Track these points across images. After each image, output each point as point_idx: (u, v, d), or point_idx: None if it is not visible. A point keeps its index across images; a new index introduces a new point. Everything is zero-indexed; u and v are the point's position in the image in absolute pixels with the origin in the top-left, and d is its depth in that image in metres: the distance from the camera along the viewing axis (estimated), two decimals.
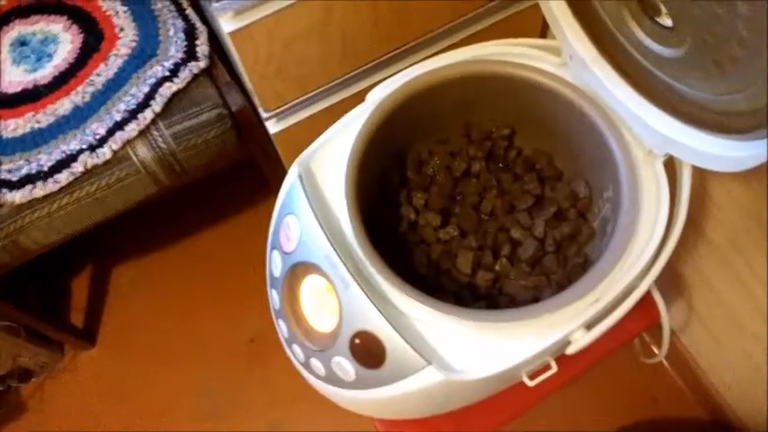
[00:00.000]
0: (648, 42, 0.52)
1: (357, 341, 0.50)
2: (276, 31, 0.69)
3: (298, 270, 0.55)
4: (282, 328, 0.58)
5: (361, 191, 0.57)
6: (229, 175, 1.22)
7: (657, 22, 0.50)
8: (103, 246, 1.26)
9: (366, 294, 0.49)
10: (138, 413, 1.10)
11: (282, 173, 0.91)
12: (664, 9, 0.49)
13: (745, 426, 0.91)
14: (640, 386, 1.00)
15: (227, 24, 0.67)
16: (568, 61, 0.61)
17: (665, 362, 0.99)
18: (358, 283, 0.50)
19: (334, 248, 0.51)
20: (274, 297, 0.59)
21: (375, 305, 0.49)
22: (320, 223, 0.53)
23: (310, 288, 0.55)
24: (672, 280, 0.89)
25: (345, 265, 0.51)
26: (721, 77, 0.45)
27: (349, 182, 0.55)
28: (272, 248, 0.59)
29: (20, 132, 0.83)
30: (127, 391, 1.12)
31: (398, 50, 0.82)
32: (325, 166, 0.60)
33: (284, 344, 0.60)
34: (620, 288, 0.51)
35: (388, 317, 0.49)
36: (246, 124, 0.86)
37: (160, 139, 0.80)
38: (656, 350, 0.93)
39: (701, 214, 0.77)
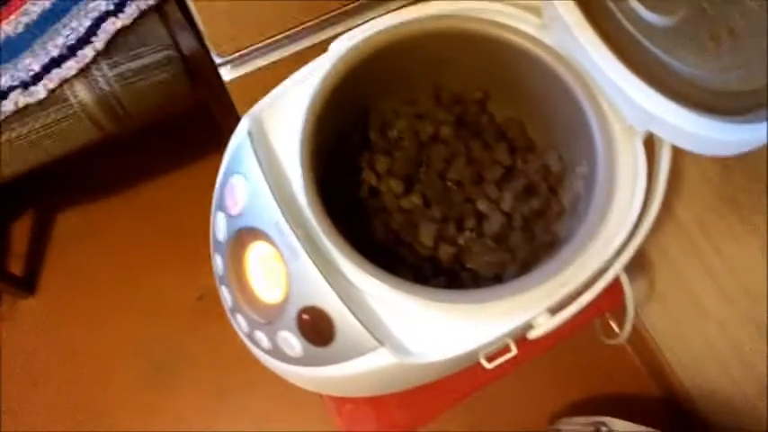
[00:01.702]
0: (639, 8, 0.48)
1: (305, 316, 0.46)
2: None
3: (244, 235, 0.50)
4: (226, 296, 0.54)
5: (318, 151, 0.52)
6: (182, 123, 1.15)
7: None
8: (47, 191, 1.18)
9: (317, 267, 0.45)
10: (78, 368, 1.05)
11: (237, 124, 0.85)
12: None
13: (695, 405, 0.91)
14: (596, 362, 0.99)
15: None
16: (549, 23, 0.56)
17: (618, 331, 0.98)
18: (308, 254, 0.45)
19: (284, 214, 0.47)
20: (218, 262, 0.54)
21: (326, 279, 0.45)
22: (269, 186, 0.48)
23: (257, 256, 0.50)
24: (635, 257, 0.88)
25: (295, 233, 0.46)
26: (716, 52, 0.41)
27: (304, 141, 0.50)
28: (217, 210, 0.54)
29: None
30: (67, 344, 1.07)
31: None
32: (279, 122, 0.54)
33: (228, 313, 0.55)
34: (589, 272, 0.48)
35: (340, 292, 0.45)
36: (199, 69, 0.79)
37: (102, 80, 0.73)
38: (616, 329, 0.92)
39: (671, 192, 0.75)
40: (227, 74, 0.76)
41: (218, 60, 0.74)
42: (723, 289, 0.75)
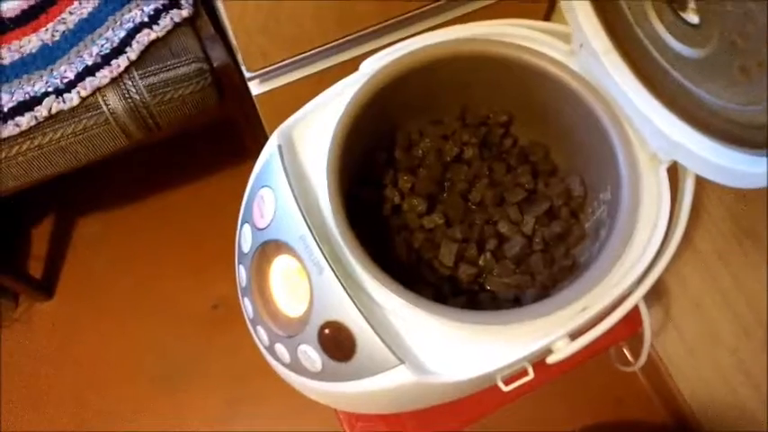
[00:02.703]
0: (668, 38, 0.48)
1: (326, 331, 0.47)
2: None
3: (269, 248, 0.51)
4: (248, 307, 0.54)
5: (345, 168, 0.52)
6: (207, 135, 1.17)
7: (681, 17, 0.46)
8: (69, 195, 1.20)
9: (340, 283, 0.45)
10: (92, 371, 1.06)
11: (263, 138, 0.86)
12: (691, 3, 0.45)
13: None
14: (607, 387, 0.99)
15: None
16: (578, 50, 0.57)
17: (632, 361, 0.98)
18: (333, 270, 0.46)
19: (310, 229, 0.47)
20: (242, 274, 0.55)
21: (349, 295, 0.45)
22: (297, 200, 0.48)
23: (281, 269, 0.51)
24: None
25: (321, 248, 0.47)
26: (745, 85, 0.42)
27: (332, 158, 0.51)
28: (244, 222, 0.55)
29: None
30: (81, 348, 1.08)
31: (399, 18, 0.77)
32: (309, 138, 0.55)
33: (249, 324, 0.56)
34: (610, 299, 0.48)
35: (363, 308, 0.45)
36: (228, 82, 0.81)
37: (133, 90, 0.75)
38: (630, 357, 0.92)
39: (690, 220, 0.75)
40: (255, 88, 0.77)
41: (247, 75, 0.75)
42: (739, 319, 0.75)
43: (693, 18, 0.45)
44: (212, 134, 1.17)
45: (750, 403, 0.79)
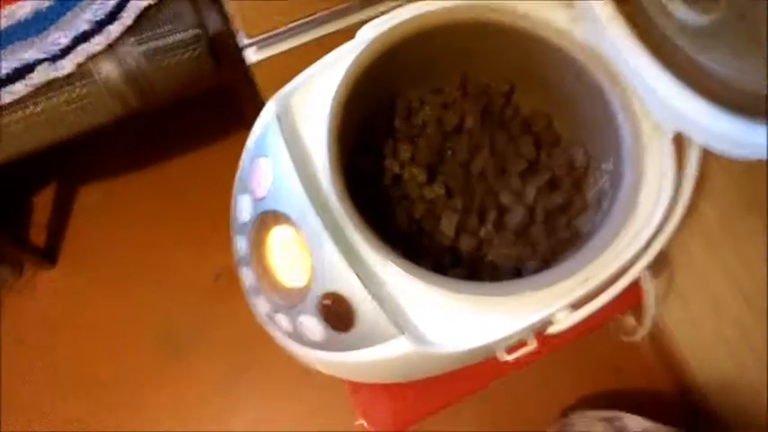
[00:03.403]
0: (674, 5, 0.47)
1: (327, 302, 0.46)
2: None
3: (268, 218, 0.51)
4: (247, 277, 0.54)
5: (344, 137, 0.52)
6: (205, 103, 1.15)
7: None
8: (70, 164, 1.19)
9: (340, 253, 0.45)
10: (96, 339, 1.07)
11: (260, 105, 0.85)
12: None
13: (709, 402, 0.91)
14: (609, 357, 0.99)
15: None
16: (580, 18, 0.55)
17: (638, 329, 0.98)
18: (332, 241, 0.46)
19: (309, 200, 0.47)
20: (240, 243, 0.55)
21: (349, 265, 0.45)
22: (296, 170, 0.48)
23: (280, 239, 0.51)
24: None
25: (320, 218, 0.46)
26: (754, 55, 0.41)
27: (331, 127, 0.50)
28: (240, 191, 0.55)
29: None
30: (85, 317, 1.08)
31: None
32: (306, 107, 0.54)
33: (247, 294, 0.56)
34: (612, 270, 0.48)
35: (363, 279, 0.45)
36: (224, 49, 0.79)
37: (129, 57, 0.73)
38: (635, 324, 0.91)
39: (694, 191, 0.74)
40: (251, 56, 0.76)
41: (243, 42, 0.74)
42: (742, 289, 0.74)
43: None
44: (210, 101, 1.15)
45: (752, 372, 0.79)
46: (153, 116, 1.10)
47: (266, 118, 0.52)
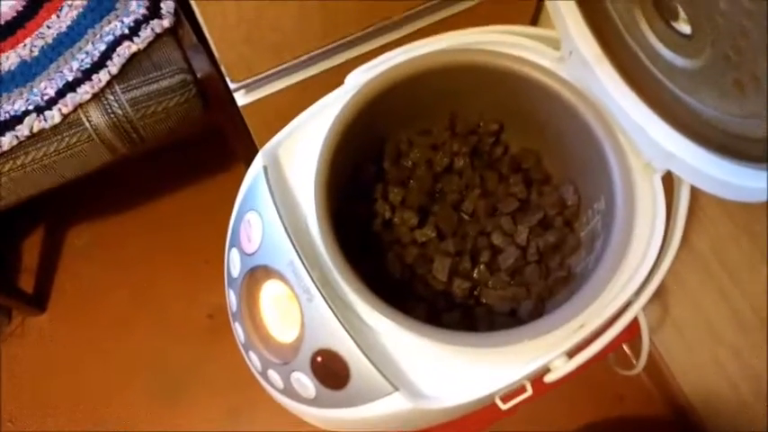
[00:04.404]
0: (660, 48, 0.47)
1: (319, 359, 0.46)
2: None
3: (258, 273, 0.50)
4: (239, 332, 0.53)
5: (333, 186, 0.51)
6: (194, 141, 1.15)
7: (673, 27, 0.45)
8: (57, 206, 1.18)
9: (332, 310, 0.45)
10: (89, 386, 1.05)
11: (251, 144, 0.85)
12: (682, 13, 0.44)
13: (706, 427, 0.90)
14: (608, 384, 0.98)
15: None
16: (567, 57, 0.56)
17: (633, 361, 0.98)
18: (324, 298, 0.45)
19: (299, 255, 0.46)
20: (232, 299, 0.54)
21: (341, 323, 0.44)
22: (284, 224, 0.47)
23: (271, 294, 0.50)
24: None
25: (310, 274, 0.46)
26: (740, 98, 0.41)
27: (319, 178, 0.50)
28: (232, 246, 0.54)
29: None
30: (77, 362, 1.07)
31: (383, 23, 0.75)
32: (294, 157, 0.54)
33: (241, 349, 0.55)
34: (608, 314, 0.47)
35: (355, 335, 0.44)
36: (213, 92, 0.79)
37: (116, 105, 0.73)
38: (631, 355, 0.91)
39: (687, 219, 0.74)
40: (241, 99, 0.76)
41: (232, 86, 0.74)
42: (738, 316, 0.74)
43: (685, 28, 0.44)
44: (199, 140, 1.15)
45: (749, 398, 0.79)
46: (142, 155, 1.10)
47: (254, 172, 0.52)
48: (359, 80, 0.55)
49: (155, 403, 1.03)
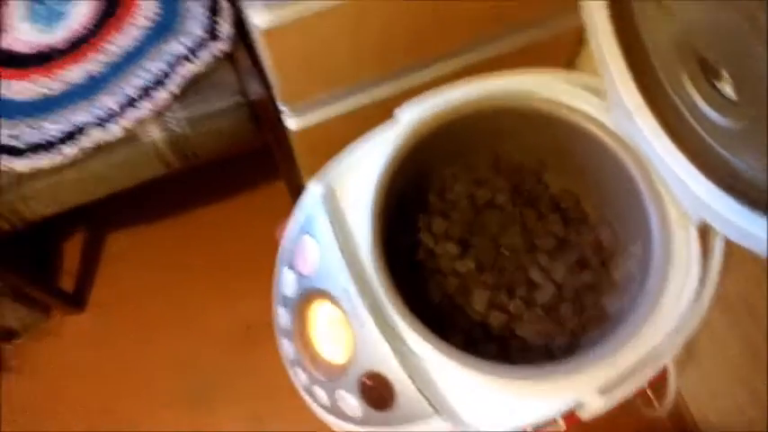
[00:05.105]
0: (703, 106, 0.50)
1: (367, 381, 0.49)
2: (311, 29, 0.65)
3: (312, 295, 0.53)
4: (288, 349, 0.57)
5: (384, 217, 0.54)
6: (238, 155, 1.19)
7: (717, 88, 0.48)
8: (99, 210, 1.22)
9: (384, 337, 0.47)
10: (118, 385, 1.09)
11: (294, 164, 0.89)
12: (726, 75, 0.46)
13: None
14: (627, 421, 0.99)
15: (258, 16, 0.63)
16: (610, 106, 0.58)
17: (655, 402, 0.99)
18: (376, 324, 0.48)
19: (354, 282, 0.49)
20: (282, 316, 0.57)
21: (391, 348, 0.47)
22: (341, 252, 0.51)
23: (323, 316, 0.53)
24: None
25: (364, 301, 0.49)
26: None
27: (375, 211, 0.53)
28: (285, 265, 0.57)
29: (26, 96, 0.79)
30: (110, 361, 1.11)
31: (433, 58, 0.79)
32: (349, 186, 0.57)
33: (287, 364, 0.58)
34: (640, 357, 0.49)
35: (403, 360, 0.47)
36: (263, 114, 0.83)
37: (174, 122, 0.77)
38: (652, 397, 0.92)
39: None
40: (290, 122, 0.79)
41: (283, 109, 0.78)
42: (761, 357, 0.75)
43: (729, 91, 0.46)
44: (244, 155, 1.19)
45: None
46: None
47: (312, 198, 0.55)
48: (410, 116, 0.59)
49: (181, 408, 1.06)
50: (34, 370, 1.10)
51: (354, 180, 0.57)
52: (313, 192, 0.55)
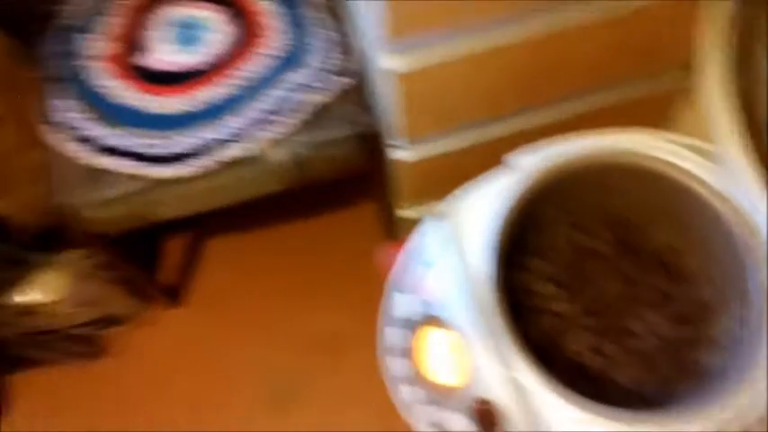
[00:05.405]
0: None
1: (478, 405, 0.53)
2: (437, 73, 0.71)
3: (428, 320, 0.58)
4: (395, 366, 0.62)
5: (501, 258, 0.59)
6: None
7: None
8: (204, 215, 1.31)
9: (499, 368, 0.52)
10: (203, 379, 1.17)
11: (388, 190, 0.94)
12: None
13: None
14: None
15: (394, 62, 0.69)
16: (718, 166, 0.61)
17: None
18: (494, 353, 0.52)
19: (474, 313, 0.54)
20: (392, 336, 0.62)
21: (505, 379, 0.52)
22: (464, 290, 0.55)
23: (438, 340, 0.58)
24: None
25: (482, 331, 0.53)
26: None
27: (495, 256, 0.57)
28: (399, 290, 0.63)
29: (166, 111, 0.89)
30: (199, 356, 1.19)
31: (539, 105, 0.84)
32: (466, 223, 0.62)
33: (390, 381, 0.63)
34: (738, 413, 0.52)
35: (513, 390, 0.51)
36: (374, 145, 0.89)
37: (296, 146, 0.84)
38: None
39: None
40: (400, 155, 0.85)
41: (395, 142, 0.84)
42: None
43: None
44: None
45: None
46: None
47: (432, 231, 0.60)
48: (525, 165, 0.63)
49: (261, 410, 1.13)
50: (130, 356, 1.19)
51: (473, 219, 0.61)
52: (433, 225, 0.61)
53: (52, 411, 1.16)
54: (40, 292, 1.00)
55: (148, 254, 1.26)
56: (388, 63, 0.69)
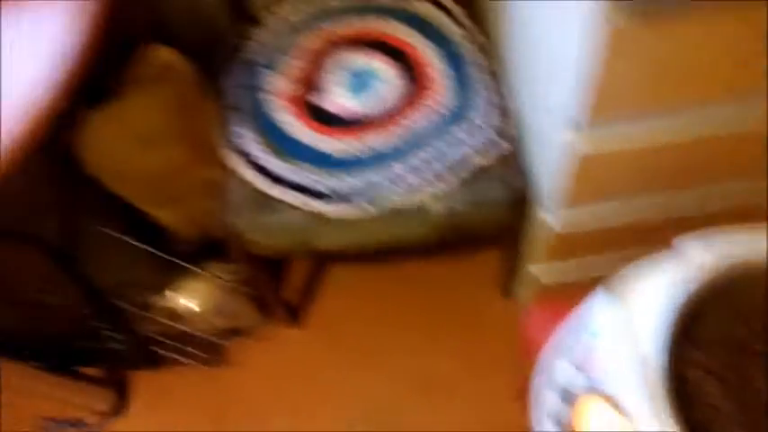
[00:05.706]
0: None
1: None
2: (615, 155, 0.74)
3: (593, 392, 0.61)
4: (548, 426, 0.65)
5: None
6: None
7: None
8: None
9: None
10: (307, 398, 1.23)
11: (526, 247, 0.98)
12: None
13: None
14: None
15: (572, 139, 0.73)
16: None
17: None
18: None
19: (644, 394, 0.57)
20: (551, 399, 0.65)
21: None
22: (638, 371, 0.58)
23: (600, 412, 0.60)
24: None
25: (650, 413, 0.56)
26: None
27: (667, 348, 0.60)
28: (561, 356, 0.66)
29: (333, 151, 0.96)
30: (308, 373, 1.26)
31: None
32: (634, 303, 0.64)
33: None
34: None
35: None
36: (523, 208, 0.94)
37: (453, 201, 0.90)
38: None
39: None
40: (548, 218, 0.89)
41: (544, 206, 0.87)
42: None
43: None
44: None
45: None
46: None
47: (601, 302, 0.63)
48: (694, 252, 0.65)
49: None
50: (247, 368, 1.27)
51: (645, 304, 0.64)
52: (603, 299, 0.64)
53: (167, 411, 1.25)
54: (189, 298, 1.09)
55: (276, 273, 1.35)
56: (570, 139, 0.73)
